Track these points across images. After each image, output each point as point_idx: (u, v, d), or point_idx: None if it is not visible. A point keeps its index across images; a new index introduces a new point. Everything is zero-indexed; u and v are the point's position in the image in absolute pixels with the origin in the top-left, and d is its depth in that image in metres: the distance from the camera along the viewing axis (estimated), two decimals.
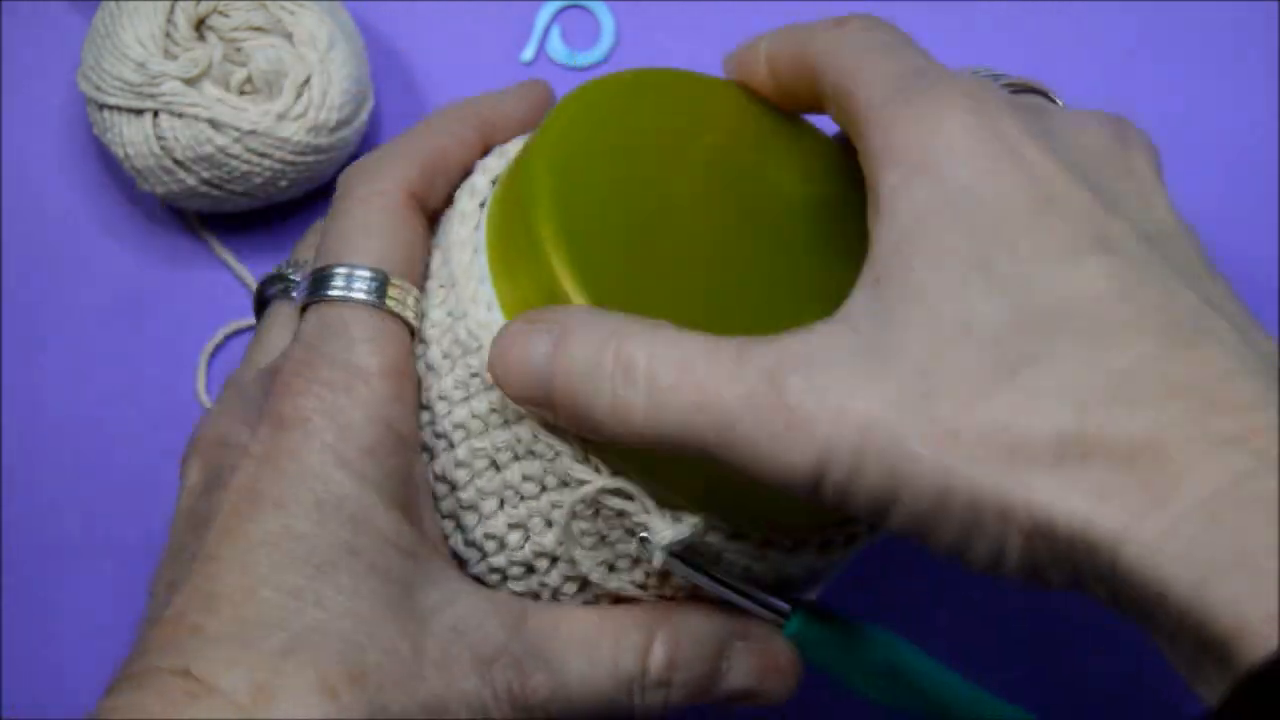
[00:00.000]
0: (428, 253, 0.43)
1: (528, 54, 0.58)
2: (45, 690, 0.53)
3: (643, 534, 0.39)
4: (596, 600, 0.42)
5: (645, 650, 0.40)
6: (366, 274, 0.41)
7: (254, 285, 0.52)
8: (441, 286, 0.42)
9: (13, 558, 0.54)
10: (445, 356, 0.41)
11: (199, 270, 0.56)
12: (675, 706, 0.41)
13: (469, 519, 0.42)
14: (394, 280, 0.41)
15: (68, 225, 0.56)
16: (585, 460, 0.39)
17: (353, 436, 0.39)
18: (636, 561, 0.41)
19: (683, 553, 0.39)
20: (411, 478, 0.40)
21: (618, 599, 0.41)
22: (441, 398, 0.41)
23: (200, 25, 0.53)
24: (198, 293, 0.56)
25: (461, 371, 0.41)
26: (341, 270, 0.41)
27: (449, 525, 0.42)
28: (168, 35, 0.52)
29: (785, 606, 0.42)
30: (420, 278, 0.42)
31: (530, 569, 0.42)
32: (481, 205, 0.43)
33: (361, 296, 0.41)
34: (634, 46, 0.58)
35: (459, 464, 0.41)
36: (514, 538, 0.41)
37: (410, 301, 0.41)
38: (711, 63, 0.58)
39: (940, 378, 0.31)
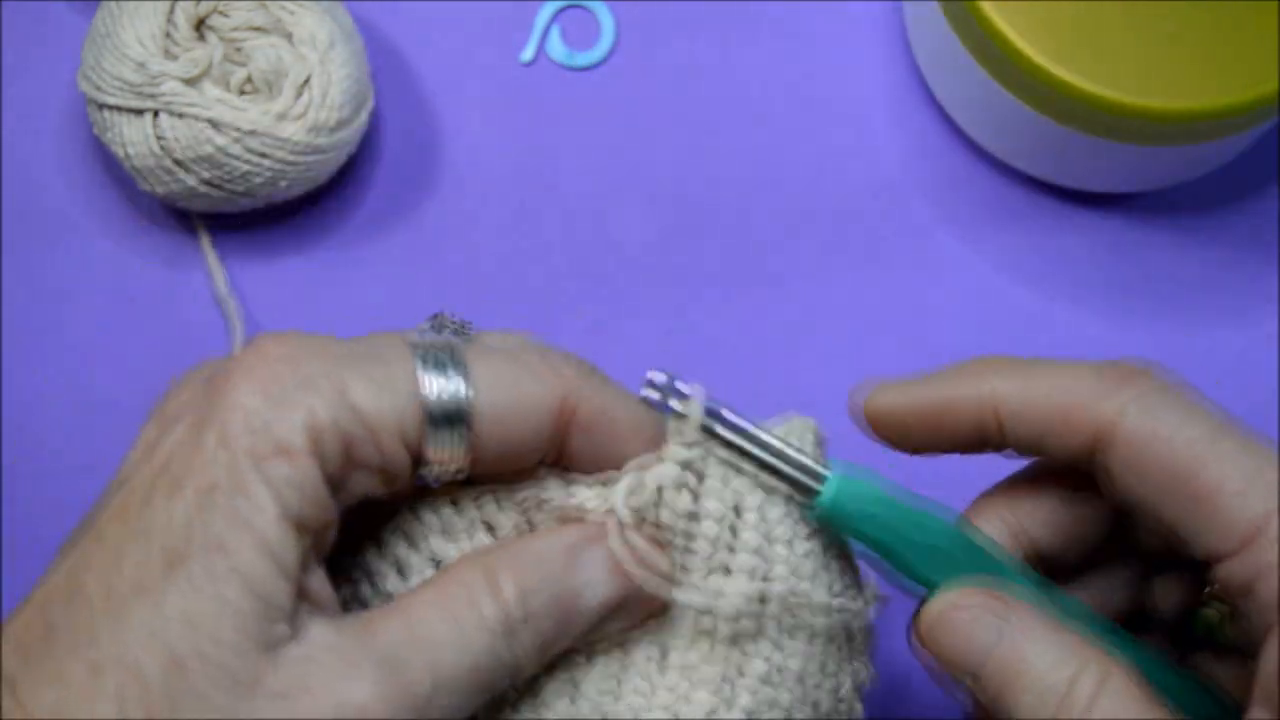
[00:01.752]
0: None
1: (527, 54, 0.58)
2: None
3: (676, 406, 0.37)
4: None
5: (495, 587, 0.36)
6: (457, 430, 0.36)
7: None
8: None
9: (13, 557, 0.54)
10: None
11: (199, 270, 0.56)
12: (550, 644, 0.37)
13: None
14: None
15: (68, 225, 0.56)
16: None
17: (279, 438, 0.34)
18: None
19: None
20: (325, 516, 0.35)
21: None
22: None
23: (200, 25, 0.53)
24: (198, 293, 0.56)
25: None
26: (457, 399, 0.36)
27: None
28: (168, 35, 0.52)
29: (821, 469, 0.38)
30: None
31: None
32: None
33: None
34: (634, 46, 0.59)
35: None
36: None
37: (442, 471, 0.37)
38: (710, 62, 0.59)
39: None
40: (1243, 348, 0.56)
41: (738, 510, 0.38)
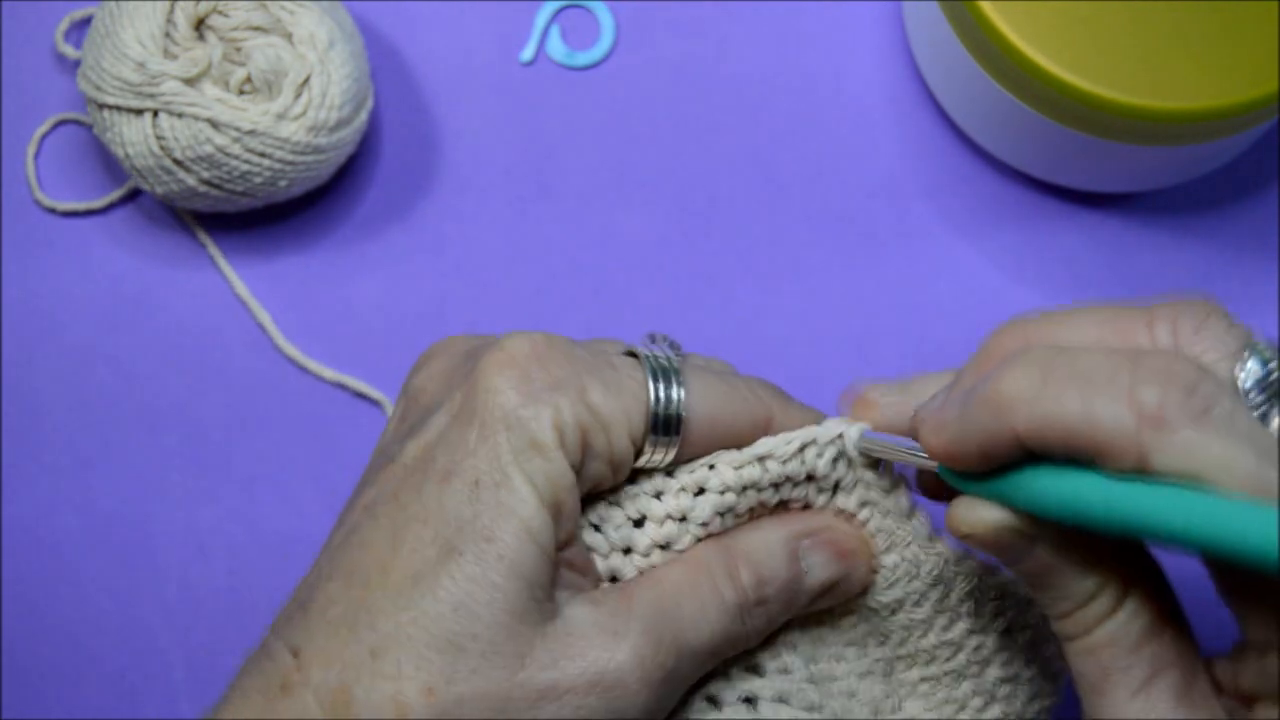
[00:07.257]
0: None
1: (527, 54, 0.58)
2: (45, 690, 0.53)
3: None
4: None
5: (735, 575, 0.41)
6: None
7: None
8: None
9: (14, 558, 0.54)
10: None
11: (199, 270, 0.56)
12: (775, 622, 0.42)
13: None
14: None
15: (68, 225, 0.56)
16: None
17: (533, 435, 0.39)
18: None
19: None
20: (574, 501, 0.40)
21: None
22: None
23: (200, 25, 0.53)
24: (197, 293, 0.56)
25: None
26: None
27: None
28: (167, 35, 0.53)
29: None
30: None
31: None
32: None
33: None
34: (634, 46, 0.59)
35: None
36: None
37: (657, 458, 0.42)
38: (710, 62, 0.59)
39: None
40: None
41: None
